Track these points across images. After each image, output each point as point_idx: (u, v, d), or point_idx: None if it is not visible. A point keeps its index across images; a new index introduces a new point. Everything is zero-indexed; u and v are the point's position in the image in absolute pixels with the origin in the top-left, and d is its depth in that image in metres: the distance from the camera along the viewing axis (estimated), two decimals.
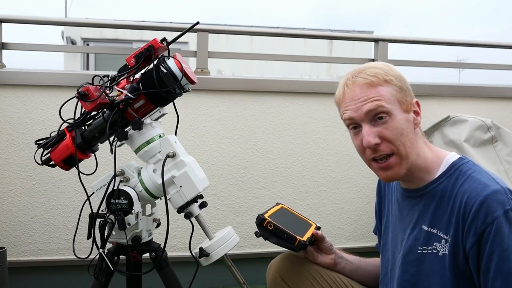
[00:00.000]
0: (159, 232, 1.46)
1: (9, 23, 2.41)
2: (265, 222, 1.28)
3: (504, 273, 1.01)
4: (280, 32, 3.02)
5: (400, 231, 1.26)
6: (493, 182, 1.06)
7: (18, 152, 2.28)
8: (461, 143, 2.41)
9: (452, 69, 6.63)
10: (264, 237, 1.30)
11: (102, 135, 1.30)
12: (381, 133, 1.11)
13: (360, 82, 1.13)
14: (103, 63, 7.82)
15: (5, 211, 2.28)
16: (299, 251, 1.30)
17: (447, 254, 1.10)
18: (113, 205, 1.27)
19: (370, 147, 1.12)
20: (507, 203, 1.02)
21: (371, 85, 1.11)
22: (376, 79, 1.12)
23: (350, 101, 1.14)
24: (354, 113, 1.13)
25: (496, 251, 1.01)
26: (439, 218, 1.13)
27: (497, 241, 1.01)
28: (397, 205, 1.29)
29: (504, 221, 1.01)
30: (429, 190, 1.16)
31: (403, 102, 1.13)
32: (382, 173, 1.16)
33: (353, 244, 2.63)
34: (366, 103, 1.11)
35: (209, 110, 2.46)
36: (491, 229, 1.01)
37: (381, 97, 1.11)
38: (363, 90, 1.12)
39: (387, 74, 1.13)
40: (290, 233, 1.27)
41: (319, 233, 1.39)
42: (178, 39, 1.31)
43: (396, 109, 1.12)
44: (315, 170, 2.59)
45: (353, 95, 1.13)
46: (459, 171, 1.13)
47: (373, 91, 1.11)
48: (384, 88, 1.12)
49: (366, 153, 1.15)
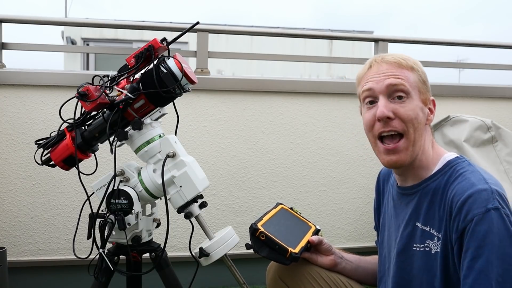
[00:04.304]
0: (159, 232, 1.46)
1: (9, 23, 2.41)
2: (258, 232, 1.27)
3: (476, 270, 0.99)
4: (280, 32, 3.02)
5: (394, 229, 1.26)
6: (482, 182, 1.05)
7: (18, 152, 2.28)
8: (461, 143, 2.41)
9: (452, 69, 6.64)
10: (254, 250, 1.29)
11: (102, 135, 1.30)
12: (397, 110, 1.13)
13: (389, 60, 1.17)
14: (103, 63, 7.82)
15: (5, 211, 2.28)
16: (290, 263, 1.28)
17: (439, 252, 1.10)
18: (113, 205, 1.27)
19: (382, 117, 1.12)
20: (490, 202, 1.01)
21: (399, 65, 1.16)
22: (404, 62, 1.16)
23: (374, 74, 1.17)
24: (375, 85, 1.15)
25: (471, 248, 1.00)
26: (431, 215, 1.13)
27: (473, 238, 1.00)
28: (392, 203, 1.29)
29: (484, 219, 1.00)
30: (422, 188, 1.16)
31: (423, 93, 1.16)
32: (386, 157, 1.16)
33: (353, 244, 2.63)
34: (389, 77, 1.14)
35: (209, 110, 2.46)
36: (470, 226, 1.00)
37: (405, 78, 1.14)
38: (390, 67, 1.16)
39: (415, 64, 1.18)
40: (282, 245, 1.26)
41: (315, 240, 1.37)
42: (178, 39, 1.31)
43: (415, 94, 1.15)
44: (315, 170, 2.59)
45: (379, 70, 1.17)
46: (452, 169, 1.13)
47: (399, 71, 1.15)
48: (409, 73, 1.15)
49: (375, 127, 1.16)
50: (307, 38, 3.98)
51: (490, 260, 0.99)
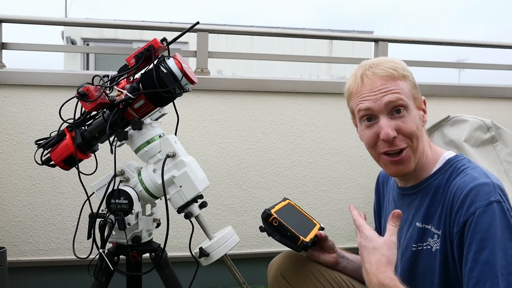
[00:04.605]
0: (159, 232, 1.46)
1: (9, 23, 2.41)
2: (271, 217, 1.26)
3: (481, 262, 0.98)
4: (280, 32, 3.02)
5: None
6: (484, 176, 1.06)
7: (18, 152, 2.28)
8: (461, 143, 2.41)
9: (452, 69, 6.63)
10: (268, 233, 1.29)
11: (102, 135, 1.30)
12: (399, 127, 1.11)
13: (381, 74, 1.12)
14: (103, 63, 7.82)
15: (5, 211, 2.28)
16: (301, 251, 1.29)
17: (438, 249, 1.10)
18: (113, 205, 1.27)
19: (388, 140, 1.11)
20: (492, 195, 1.01)
21: (391, 77, 1.12)
22: (396, 73, 1.12)
23: (369, 92, 1.13)
24: (373, 104, 1.12)
25: (475, 241, 1.00)
26: (432, 213, 1.13)
27: (476, 230, 0.99)
28: (394, 204, 1.29)
29: (486, 211, 0.99)
30: (424, 187, 1.17)
31: (417, 98, 1.15)
32: (393, 167, 1.15)
33: (353, 244, 2.62)
34: (386, 94, 1.11)
35: (209, 110, 2.46)
36: (473, 219, 1.00)
37: (401, 91, 1.11)
38: (384, 81, 1.12)
39: (404, 70, 1.14)
40: (294, 232, 1.26)
41: (323, 234, 1.38)
42: (178, 39, 1.31)
43: (412, 104, 1.13)
44: (315, 170, 2.59)
45: (373, 86, 1.12)
46: (453, 167, 1.13)
47: (393, 84, 1.11)
48: (402, 83, 1.13)
49: (378, 146, 1.14)
50: (307, 38, 3.98)
51: (494, 252, 0.98)
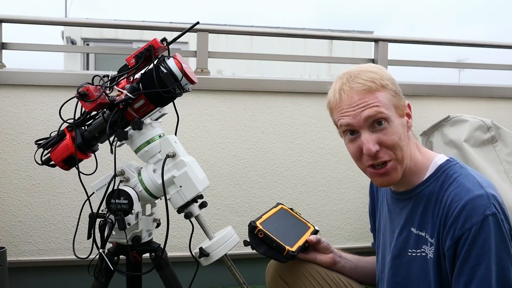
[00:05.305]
0: (159, 232, 1.46)
1: (9, 23, 2.41)
2: (256, 229, 1.29)
3: (478, 277, 1.00)
4: (280, 32, 3.02)
5: (389, 233, 1.26)
6: (477, 186, 1.05)
7: (18, 152, 2.28)
8: (461, 143, 2.41)
9: (452, 69, 6.63)
10: (252, 247, 1.31)
11: (102, 135, 1.30)
12: (381, 140, 1.09)
13: (358, 88, 1.09)
14: (103, 63, 7.82)
15: (5, 211, 2.28)
16: (287, 261, 1.29)
17: (432, 257, 1.10)
18: (113, 205, 1.27)
19: (370, 154, 1.09)
20: (488, 208, 1.01)
21: (369, 91, 1.09)
22: (374, 85, 1.09)
23: (348, 107, 1.11)
24: (352, 119, 1.10)
25: (472, 255, 1.01)
26: (426, 221, 1.13)
27: (474, 246, 1.00)
28: (387, 207, 1.29)
29: (482, 227, 1.00)
30: (416, 193, 1.16)
31: (398, 107, 1.12)
32: (378, 179, 1.14)
33: (353, 244, 2.63)
34: (365, 109, 1.08)
35: (209, 110, 2.46)
36: (468, 235, 1.00)
37: (380, 103, 1.08)
38: (361, 96, 1.09)
39: (382, 79, 1.11)
40: (280, 243, 1.27)
41: (314, 239, 1.38)
42: (178, 39, 1.31)
43: (393, 114, 1.10)
44: (315, 170, 2.59)
45: (351, 101, 1.10)
46: (445, 174, 1.12)
47: (371, 97, 1.09)
48: (381, 94, 1.09)
49: (363, 159, 1.13)
50: (307, 38, 3.98)
51: (490, 267, 1.00)
